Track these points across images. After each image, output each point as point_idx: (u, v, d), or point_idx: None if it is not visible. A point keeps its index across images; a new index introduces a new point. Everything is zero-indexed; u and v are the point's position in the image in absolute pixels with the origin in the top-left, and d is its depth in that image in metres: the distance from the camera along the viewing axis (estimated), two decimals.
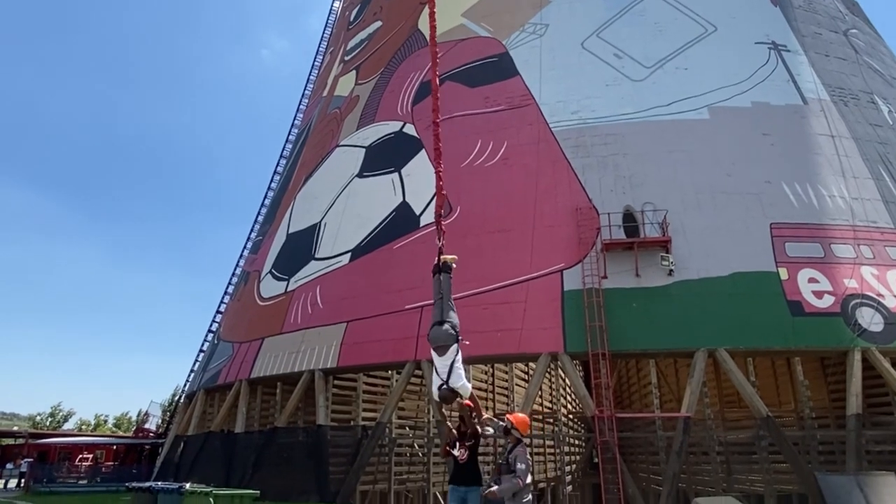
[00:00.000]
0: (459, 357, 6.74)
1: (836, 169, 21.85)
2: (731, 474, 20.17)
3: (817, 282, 19.01)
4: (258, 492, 7.66)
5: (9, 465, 33.71)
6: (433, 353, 7.10)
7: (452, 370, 6.61)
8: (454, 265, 8.14)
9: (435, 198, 9.35)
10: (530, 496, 6.48)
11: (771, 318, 18.42)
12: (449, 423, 6.83)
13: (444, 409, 6.96)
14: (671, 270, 19.37)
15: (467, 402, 6.46)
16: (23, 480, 29.36)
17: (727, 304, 18.79)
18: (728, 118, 22.86)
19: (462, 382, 6.41)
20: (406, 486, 23.87)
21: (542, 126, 23.88)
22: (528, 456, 6.51)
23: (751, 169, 21.54)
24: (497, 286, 20.41)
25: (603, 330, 18.58)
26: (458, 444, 6.63)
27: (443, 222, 8.25)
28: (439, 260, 8.27)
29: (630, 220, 20.69)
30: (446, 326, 7.28)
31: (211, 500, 6.86)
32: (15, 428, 60.81)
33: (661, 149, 22.28)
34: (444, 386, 6.58)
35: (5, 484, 31.08)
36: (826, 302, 18.62)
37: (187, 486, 7.37)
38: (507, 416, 7.01)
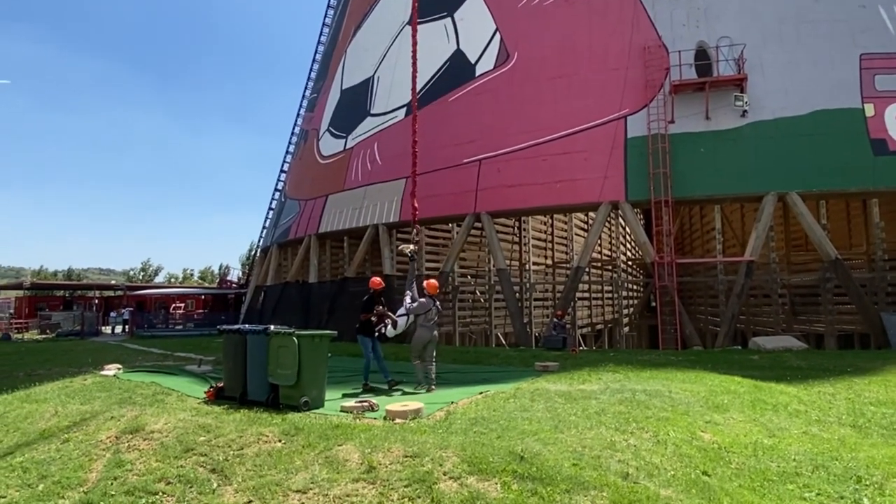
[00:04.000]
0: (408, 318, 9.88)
1: None
2: (795, 315, 20.37)
3: None
4: (336, 332, 8.34)
5: (112, 314, 37.75)
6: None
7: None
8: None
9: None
10: (392, 328, 9.69)
11: (850, 159, 17.40)
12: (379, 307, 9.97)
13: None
14: (745, 111, 18.23)
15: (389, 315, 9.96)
16: (127, 327, 32.94)
17: (803, 146, 17.76)
18: None
19: (401, 323, 9.82)
20: (470, 329, 25.44)
21: None
22: (407, 306, 9.77)
23: None
24: (557, 136, 19.86)
25: (667, 176, 18.12)
26: (375, 315, 9.87)
27: (497, 71, 8.28)
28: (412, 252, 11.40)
29: (703, 58, 19.20)
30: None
31: (294, 339, 7.52)
32: (113, 282, 67.18)
33: None
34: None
35: (112, 329, 35.05)
36: None
37: (272, 327, 8.07)
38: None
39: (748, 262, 17.60)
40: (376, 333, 9.89)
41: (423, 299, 9.74)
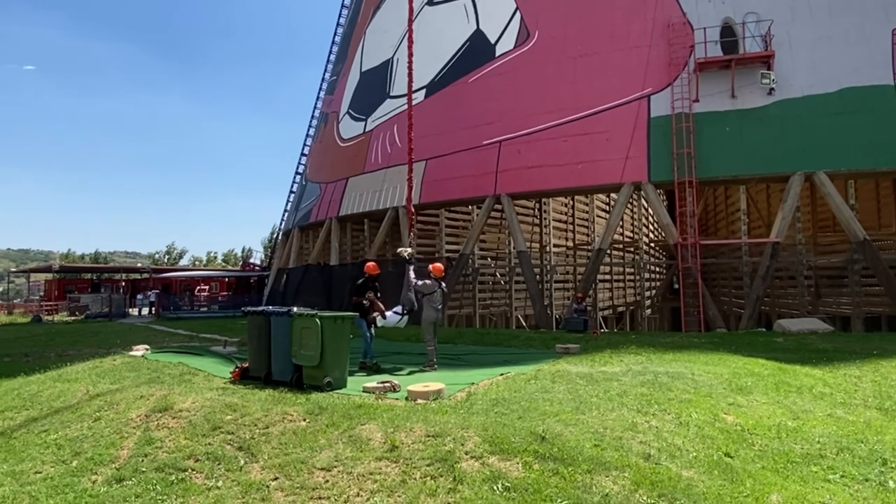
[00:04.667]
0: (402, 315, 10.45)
1: None
2: (819, 297, 20.04)
3: None
4: (357, 314, 8.42)
5: (139, 296, 38.56)
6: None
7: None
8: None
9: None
10: (402, 314, 10.29)
11: (881, 137, 16.93)
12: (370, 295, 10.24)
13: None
14: (772, 89, 17.80)
15: (378, 305, 10.25)
16: (153, 309, 33.59)
17: (832, 124, 17.32)
18: None
19: (398, 318, 10.37)
20: (490, 311, 25.49)
21: None
22: (412, 281, 10.28)
23: None
24: (578, 116, 19.62)
25: (691, 157, 17.83)
26: (369, 300, 10.14)
27: (517, 51, 8.11)
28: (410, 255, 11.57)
29: (729, 35, 18.75)
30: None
31: (317, 321, 7.60)
32: (139, 265, 68.39)
33: None
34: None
35: (139, 311, 35.79)
36: None
37: (295, 309, 8.16)
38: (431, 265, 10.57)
39: (774, 243, 17.32)
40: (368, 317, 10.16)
41: (428, 281, 10.15)
